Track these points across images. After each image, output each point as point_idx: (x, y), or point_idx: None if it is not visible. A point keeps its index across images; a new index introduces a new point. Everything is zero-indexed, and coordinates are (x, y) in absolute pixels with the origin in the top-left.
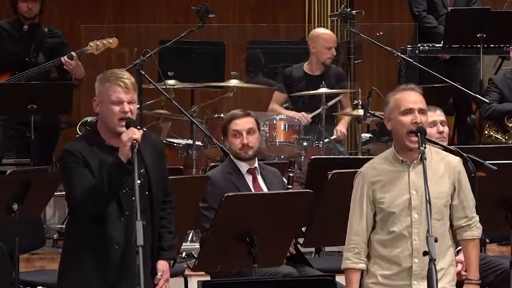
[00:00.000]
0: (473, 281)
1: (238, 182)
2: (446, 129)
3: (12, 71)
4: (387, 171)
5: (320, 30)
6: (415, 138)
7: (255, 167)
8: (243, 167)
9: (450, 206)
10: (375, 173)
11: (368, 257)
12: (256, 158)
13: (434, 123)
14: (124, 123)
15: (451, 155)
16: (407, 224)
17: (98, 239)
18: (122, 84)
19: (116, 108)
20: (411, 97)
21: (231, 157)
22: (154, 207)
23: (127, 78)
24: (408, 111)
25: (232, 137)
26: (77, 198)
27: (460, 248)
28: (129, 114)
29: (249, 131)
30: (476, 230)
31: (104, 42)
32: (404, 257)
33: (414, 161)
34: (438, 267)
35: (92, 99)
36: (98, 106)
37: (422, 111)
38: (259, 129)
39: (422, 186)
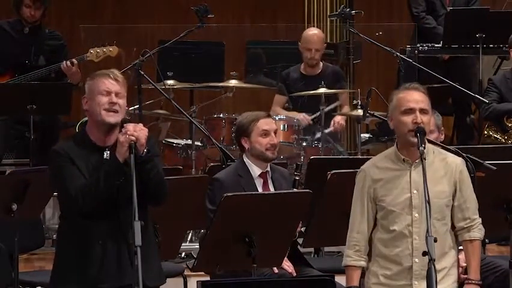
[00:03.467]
0: (474, 281)
1: (248, 186)
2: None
3: (12, 73)
4: (389, 170)
5: (309, 31)
6: (415, 139)
7: (267, 171)
8: (256, 170)
9: (452, 207)
10: (377, 171)
11: (369, 255)
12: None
13: None
14: (110, 114)
15: (453, 155)
16: (408, 223)
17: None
18: (111, 75)
19: (104, 99)
20: (414, 97)
21: (244, 159)
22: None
23: (116, 72)
24: (409, 110)
25: (260, 136)
26: (71, 197)
27: (461, 247)
28: (116, 107)
29: (275, 132)
30: (478, 232)
31: (105, 50)
32: (404, 257)
33: (416, 160)
34: (439, 267)
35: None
36: (87, 102)
37: (423, 111)
38: None
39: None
